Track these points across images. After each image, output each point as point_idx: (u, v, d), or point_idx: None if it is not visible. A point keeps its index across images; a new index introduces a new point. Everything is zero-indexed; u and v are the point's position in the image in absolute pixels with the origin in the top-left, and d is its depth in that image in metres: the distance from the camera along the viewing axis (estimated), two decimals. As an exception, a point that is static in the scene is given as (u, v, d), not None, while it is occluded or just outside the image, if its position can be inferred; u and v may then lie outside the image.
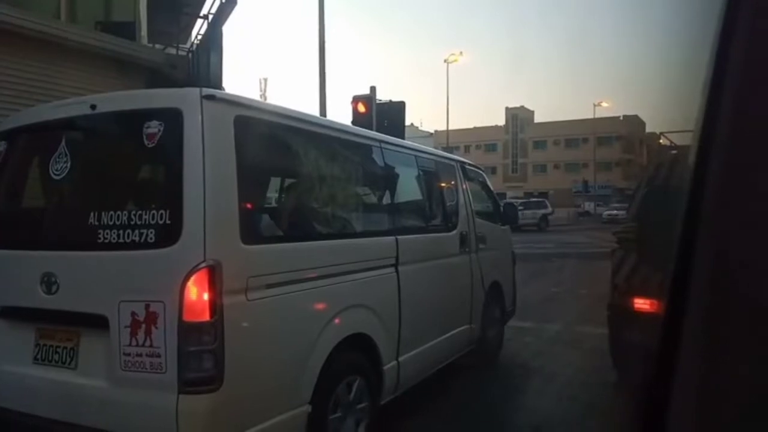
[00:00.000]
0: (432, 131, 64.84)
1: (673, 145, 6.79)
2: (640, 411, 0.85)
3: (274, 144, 3.36)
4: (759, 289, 0.69)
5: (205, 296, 2.52)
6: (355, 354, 3.49)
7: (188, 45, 11.61)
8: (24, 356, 2.98)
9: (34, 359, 2.97)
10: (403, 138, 6.90)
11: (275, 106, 3.45)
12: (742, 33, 0.71)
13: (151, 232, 2.63)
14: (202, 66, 9.90)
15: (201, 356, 2.53)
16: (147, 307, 2.56)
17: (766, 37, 0.70)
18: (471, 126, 69.87)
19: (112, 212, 2.74)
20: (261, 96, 40.71)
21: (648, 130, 57.27)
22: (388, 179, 4.35)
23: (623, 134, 62.33)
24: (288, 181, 3.99)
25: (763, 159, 0.71)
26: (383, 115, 10.07)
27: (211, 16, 10.45)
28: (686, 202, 0.77)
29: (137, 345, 2.58)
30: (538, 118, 71.67)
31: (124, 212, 2.74)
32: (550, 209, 33.84)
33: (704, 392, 0.73)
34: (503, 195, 41.98)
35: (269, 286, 2.84)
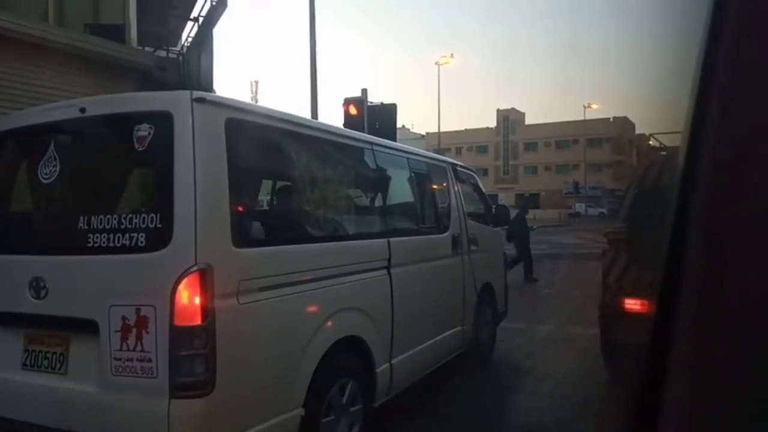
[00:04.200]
0: (423, 133, 64.93)
1: (662, 146, 6.84)
2: (632, 410, 0.85)
3: (265, 147, 3.35)
4: (749, 288, 0.70)
5: (197, 300, 2.50)
6: (348, 357, 3.48)
7: (178, 47, 11.57)
8: (12, 362, 2.95)
9: (23, 365, 2.93)
10: (394, 140, 6.91)
11: (266, 109, 3.44)
12: (730, 35, 0.71)
13: (142, 236, 2.61)
14: (193, 68, 9.87)
15: (192, 360, 2.51)
16: (138, 311, 2.54)
17: (753, 39, 0.71)
18: (462, 128, 70.09)
19: (102, 216, 2.72)
20: (252, 98, 40.57)
21: (638, 131, 57.65)
22: (380, 181, 4.35)
23: (613, 136, 62.70)
24: (280, 184, 3.98)
25: (750, 159, 0.71)
26: (375, 118, 10.07)
27: (201, 19, 10.43)
28: (676, 203, 0.77)
29: (128, 350, 2.56)
30: (529, 120, 71.99)
31: (114, 216, 2.72)
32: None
33: (695, 391, 0.73)
34: (495, 197, 42.11)
35: (261, 289, 2.83)
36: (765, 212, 0.69)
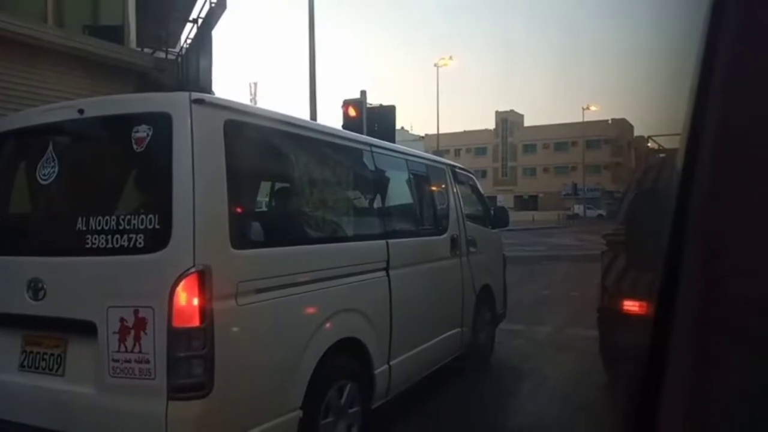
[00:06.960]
0: (422, 135, 64.99)
1: (661, 148, 6.85)
2: (631, 413, 0.85)
3: (264, 148, 3.35)
4: (748, 291, 0.70)
5: (195, 301, 2.50)
6: (347, 358, 3.48)
7: (177, 49, 11.56)
8: (10, 363, 2.94)
9: (21, 366, 2.93)
10: (393, 142, 6.91)
11: (265, 110, 3.44)
12: (729, 36, 0.71)
13: (140, 237, 2.61)
14: (192, 70, 9.86)
15: (190, 362, 2.51)
16: (136, 312, 2.54)
17: (752, 41, 0.71)
18: (461, 130, 70.20)
19: (100, 217, 2.72)
20: (251, 100, 40.60)
21: (636, 133, 57.66)
22: (378, 183, 4.35)
23: (612, 137, 62.81)
24: (278, 185, 3.98)
25: (750, 162, 0.71)
26: (374, 119, 10.08)
27: (200, 20, 10.41)
28: (674, 205, 0.77)
29: (126, 351, 2.55)
30: (528, 122, 72.10)
31: (113, 217, 2.72)
32: None
33: (694, 394, 0.73)
34: (493, 198, 42.14)
35: (259, 290, 2.83)
36: (764, 215, 0.69)
